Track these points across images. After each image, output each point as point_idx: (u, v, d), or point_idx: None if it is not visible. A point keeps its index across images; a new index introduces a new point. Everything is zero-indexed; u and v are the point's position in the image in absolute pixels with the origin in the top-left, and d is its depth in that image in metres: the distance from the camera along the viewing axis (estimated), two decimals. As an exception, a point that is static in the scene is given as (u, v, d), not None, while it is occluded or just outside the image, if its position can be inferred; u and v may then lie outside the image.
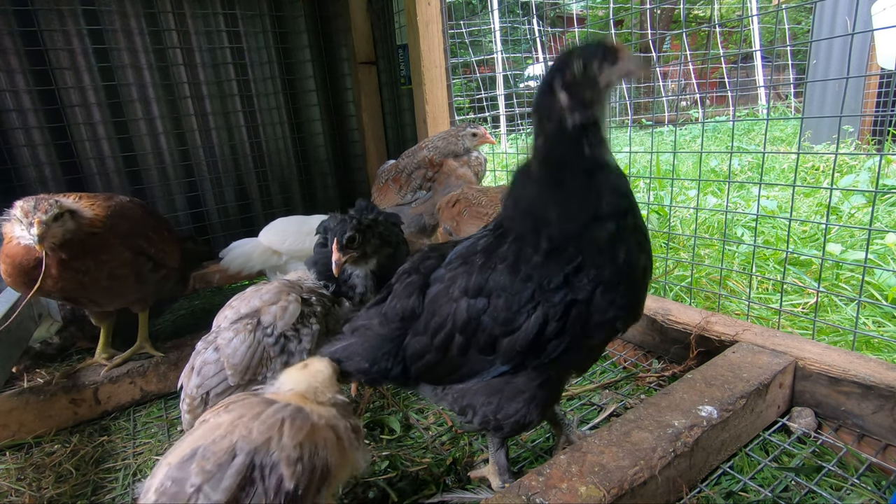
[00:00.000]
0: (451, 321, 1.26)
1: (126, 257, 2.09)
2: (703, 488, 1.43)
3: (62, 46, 3.17)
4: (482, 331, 1.23)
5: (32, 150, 3.19)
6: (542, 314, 1.17)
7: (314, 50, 4.07)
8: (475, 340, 1.25)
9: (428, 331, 1.31)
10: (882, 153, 2.66)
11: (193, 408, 1.51)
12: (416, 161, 3.11)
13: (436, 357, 1.31)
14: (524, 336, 1.19)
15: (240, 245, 2.84)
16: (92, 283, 2.00)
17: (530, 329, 1.18)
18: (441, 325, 1.28)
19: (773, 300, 2.58)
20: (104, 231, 2.02)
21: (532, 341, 1.19)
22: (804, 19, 12.67)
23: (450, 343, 1.28)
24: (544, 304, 1.17)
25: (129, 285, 2.16)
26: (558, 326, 1.17)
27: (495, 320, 1.21)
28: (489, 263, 1.24)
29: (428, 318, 1.31)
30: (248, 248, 2.81)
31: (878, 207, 3.67)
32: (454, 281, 1.28)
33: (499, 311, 1.20)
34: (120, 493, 1.71)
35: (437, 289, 1.31)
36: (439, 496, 1.51)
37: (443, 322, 1.28)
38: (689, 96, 10.47)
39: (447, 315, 1.27)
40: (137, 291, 2.24)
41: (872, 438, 1.54)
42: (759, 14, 10.18)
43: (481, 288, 1.23)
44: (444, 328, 1.28)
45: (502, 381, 1.29)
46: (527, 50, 9.30)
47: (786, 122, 8.33)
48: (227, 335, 1.58)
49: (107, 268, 2.02)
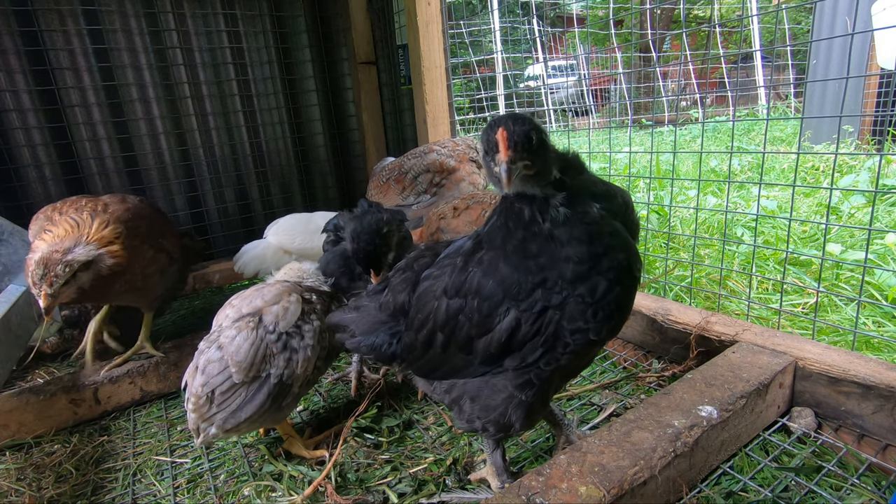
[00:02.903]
0: (433, 319, 1.29)
1: (151, 255, 2.12)
2: (703, 488, 1.43)
3: (62, 46, 3.17)
4: (460, 330, 1.25)
5: (32, 150, 3.19)
6: (515, 318, 1.18)
7: (314, 50, 4.07)
8: (454, 339, 1.27)
9: (413, 326, 1.35)
10: (882, 153, 2.66)
11: (199, 406, 1.51)
12: (424, 164, 3.05)
13: (421, 352, 1.35)
14: (497, 338, 1.20)
15: (251, 248, 2.84)
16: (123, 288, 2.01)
17: (503, 331, 1.19)
18: (424, 321, 1.32)
19: (773, 300, 2.58)
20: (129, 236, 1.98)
21: (504, 344, 1.20)
22: (804, 19, 12.68)
23: (433, 340, 1.31)
24: (516, 308, 1.17)
25: (156, 282, 2.20)
26: (532, 330, 1.18)
27: (470, 321, 1.23)
28: (467, 266, 1.26)
29: (414, 314, 1.35)
30: (261, 251, 2.81)
31: (878, 207, 3.67)
32: (438, 279, 1.31)
33: (473, 312, 1.22)
34: (120, 493, 1.71)
35: (425, 286, 1.34)
36: (439, 496, 1.51)
37: (426, 319, 1.31)
38: (689, 96, 10.47)
39: (430, 313, 1.30)
40: (161, 286, 2.27)
41: (872, 438, 1.54)
42: (759, 14, 10.19)
43: (459, 289, 1.25)
44: (427, 325, 1.31)
45: (483, 380, 1.30)
46: (527, 50, 9.30)
47: (786, 122, 8.33)
48: (229, 333, 1.58)
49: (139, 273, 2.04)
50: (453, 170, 3.00)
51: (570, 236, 1.12)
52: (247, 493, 1.61)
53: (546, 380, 1.26)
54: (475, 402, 1.32)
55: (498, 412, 1.29)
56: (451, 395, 1.38)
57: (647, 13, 7.93)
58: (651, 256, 3.06)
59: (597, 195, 1.19)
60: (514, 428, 1.30)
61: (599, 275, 1.12)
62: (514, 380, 1.26)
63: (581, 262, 1.11)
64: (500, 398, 1.28)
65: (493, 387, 1.29)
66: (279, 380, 1.58)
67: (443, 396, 1.41)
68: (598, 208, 1.16)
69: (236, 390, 1.53)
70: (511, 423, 1.29)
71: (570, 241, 1.11)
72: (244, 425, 1.56)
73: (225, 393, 1.52)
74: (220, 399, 1.52)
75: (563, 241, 1.12)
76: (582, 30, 9.09)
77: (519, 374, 1.25)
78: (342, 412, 2.04)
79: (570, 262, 1.11)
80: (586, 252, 1.11)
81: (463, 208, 2.35)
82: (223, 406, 1.52)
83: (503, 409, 1.28)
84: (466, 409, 1.34)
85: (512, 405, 1.27)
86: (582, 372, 2.13)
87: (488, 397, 1.29)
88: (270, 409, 1.58)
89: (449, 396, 1.39)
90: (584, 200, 1.15)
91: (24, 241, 2.42)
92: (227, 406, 1.52)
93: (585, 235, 1.12)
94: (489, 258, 1.22)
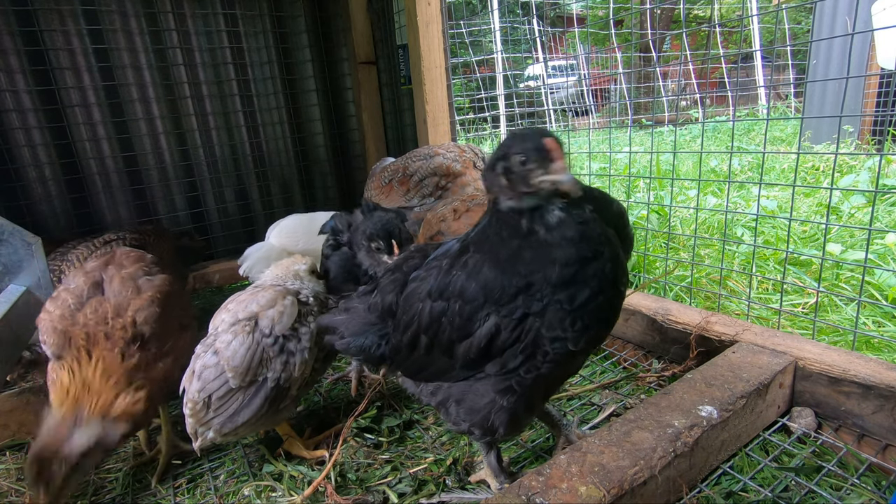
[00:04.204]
0: (417, 321, 1.29)
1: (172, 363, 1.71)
2: (703, 488, 1.43)
3: (62, 46, 3.17)
4: (442, 333, 1.25)
5: (32, 150, 3.20)
6: (495, 324, 1.17)
7: (314, 50, 4.07)
8: (437, 342, 1.27)
9: (399, 328, 1.35)
10: (882, 153, 2.65)
11: (196, 411, 1.51)
12: (431, 166, 3.00)
13: (406, 354, 1.35)
14: (476, 343, 1.20)
15: (255, 250, 2.82)
16: None
17: (482, 337, 1.19)
18: (409, 323, 1.32)
19: (773, 300, 2.58)
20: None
21: (484, 349, 1.20)
22: (804, 19, 12.68)
23: (417, 342, 1.32)
24: (497, 313, 1.17)
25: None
26: (511, 337, 1.17)
27: (452, 325, 1.23)
28: (452, 269, 1.26)
29: (401, 315, 1.35)
30: (265, 253, 2.80)
31: (878, 207, 3.67)
32: (424, 282, 1.31)
33: (454, 316, 1.22)
34: (120, 493, 1.70)
35: (412, 288, 1.34)
36: (439, 496, 1.51)
37: (410, 321, 1.31)
38: (689, 96, 10.47)
39: (414, 314, 1.30)
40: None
41: (872, 438, 1.54)
42: (759, 14, 10.19)
43: (442, 292, 1.25)
44: (412, 327, 1.31)
45: (467, 384, 1.31)
46: (527, 50, 9.31)
47: (786, 122, 8.33)
48: (225, 338, 1.58)
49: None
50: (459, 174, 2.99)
51: (562, 237, 1.11)
52: (247, 493, 1.61)
53: (528, 387, 1.24)
54: (460, 405, 1.32)
55: (481, 416, 1.29)
56: (436, 398, 1.38)
57: (647, 13, 7.93)
58: (651, 256, 3.06)
59: (592, 198, 1.20)
60: (498, 433, 1.30)
61: (582, 282, 1.11)
62: (496, 385, 1.26)
63: (568, 265, 1.10)
64: (483, 402, 1.28)
65: (476, 391, 1.29)
66: (276, 383, 1.57)
67: (429, 398, 1.41)
68: (591, 210, 1.17)
69: (233, 395, 1.53)
70: (495, 428, 1.29)
71: (561, 242, 1.11)
72: (242, 429, 1.55)
73: (222, 398, 1.52)
74: (217, 404, 1.51)
75: (553, 244, 1.12)
76: (582, 30, 9.09)
77: (500, 381, 1.25)
78: (342, 412, 2.05)
79: (557, 265, 1.11)
80: (574, 254, 1.11)
81: (464, 210, 2.30)
82: (220, 411, 1.52)
83: (486, 413, 1.28)
84: (452, 411, 1.34)
85: (495, 410, 1.27)
86: (581, 372, 2.13)
87: (472, 401, 1.30)
88: (268, 413, 1.58)
89: (435, 399, 1.39)
90: (579, 202, 1.15)
91: (24, 241, 2.42)
92: (225, 411, 1.52)
93: (577, 235, 1.12)
94: (474, 261, 1.22)
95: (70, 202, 3.37)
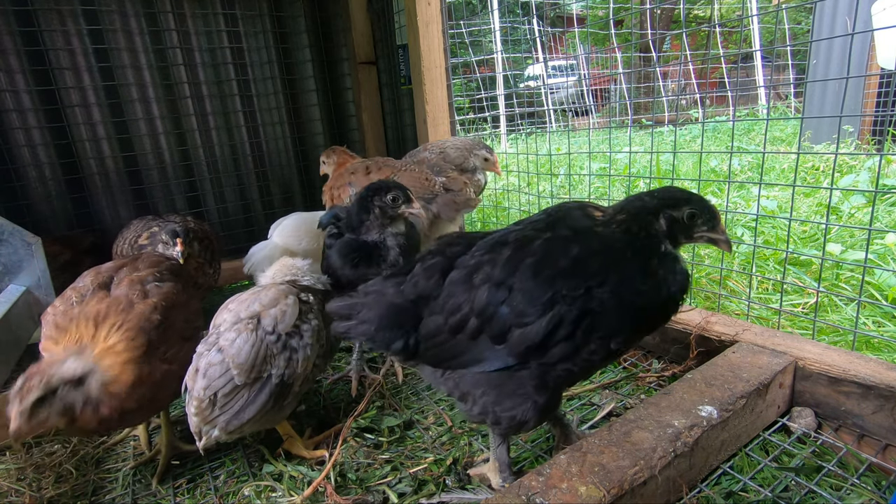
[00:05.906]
0: (469, 305, 1.30)
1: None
2: (703, 488, 1.43)
3: (62, 46, 3.17)
4: (498, 318, 1.27)
5: (32, 150, 3.20)
6: (558, 315, 1.22)
7: (314, 50, 4.07)
8: (489, 327, 1.28)
9: (444, 311, 1.34)
10: (882, 153, 2.65)
11: (201, 410, 1.50)
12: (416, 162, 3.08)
13: (447, 338, 1.34)
14: (535, 332, 1.23)
15: (259, 250, 2.81)
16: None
17: (542, 327, 1.22)
18: (458, 307, 1.31)
19: (773, 300, 2.58)
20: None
21: (542, 339, 1.23)
22: (804, 19, 12.68)
23: (464, 325, 1.31)
24: (561, 306, 1.21)
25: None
26: (568, 331, 1.22)
27: (512, 310, 1.25)
28: (517, 256, 1.29)
29: (446, 300, 1.34)
30: (269, 252, 2.79)
31: (878, 207, 3.67)
32: (478, 268, 1.32)
33: (517, 303, 1.24)
34: (120, 493, 1.71)
35: (460, 274, 1.35)
36: (439, 496, 1.51)
37: (460, 305, 1.31)
38: (689, 96, 10.47)
39: (465, 299, 1.31)
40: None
41: (872, 438, 1.54)
42: (759, 14, 10.19)
43: (504, 279, 1.27)
44: (461, 311, 1.31)
45: (504, 374, 1.31)
46: (527, 50, 9.31)
47: (786, 122, 8.33)
48: (229, 336, 1.58)
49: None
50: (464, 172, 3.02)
51: (668, 270, 1.29)
52: (247, 493, 1.61)
53: (561, 383, 1.31)
54: (490, 394, 1.34)
55: (513, 407, 1.31)
56: (461, 387, 1.38)
57: (647, 13, 7.93)
58: (651, 256, 3.05)
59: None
60: (528, 424, 1.33)
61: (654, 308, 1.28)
62: (534, 378, 1.29)
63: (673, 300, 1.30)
64: (518, 393, 1.31)
65: (516, 381, 1.31)
66: (280, 380, 1.58)
67: (452, 387, 1.41)
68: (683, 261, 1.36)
69: (239, 392, 1.53)
70: (526, 420, 1.32)
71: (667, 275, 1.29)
72: (247, 426, 1.55)
73: (228, 395, 1.52)
74: (223, 401, 1.52)
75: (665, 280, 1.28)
76: (582, 30, 9.10)
77: (540, 373, 1.29)
78: (342, 412, 2.05)
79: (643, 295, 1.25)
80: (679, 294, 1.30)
81: (375, 169, 2.78)
82: (226, 408, 1.52)
83: (518, 404, 1.31)
84: (480, 400, 1.35)
85: (528, 402, 1.30)
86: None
87: (506, 392, 1.32)
88: (272, 409, 1.58)
89: (459, 388, 1.39)
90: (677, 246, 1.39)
91: (24, 241, 2.42)
92: (230, 408, 1.52)
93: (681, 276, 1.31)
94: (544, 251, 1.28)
95: (70, 202, 3.37)
